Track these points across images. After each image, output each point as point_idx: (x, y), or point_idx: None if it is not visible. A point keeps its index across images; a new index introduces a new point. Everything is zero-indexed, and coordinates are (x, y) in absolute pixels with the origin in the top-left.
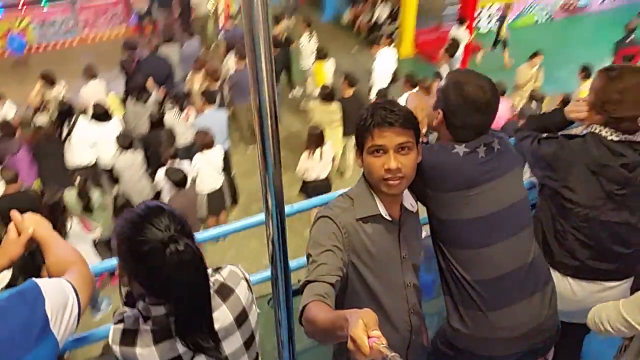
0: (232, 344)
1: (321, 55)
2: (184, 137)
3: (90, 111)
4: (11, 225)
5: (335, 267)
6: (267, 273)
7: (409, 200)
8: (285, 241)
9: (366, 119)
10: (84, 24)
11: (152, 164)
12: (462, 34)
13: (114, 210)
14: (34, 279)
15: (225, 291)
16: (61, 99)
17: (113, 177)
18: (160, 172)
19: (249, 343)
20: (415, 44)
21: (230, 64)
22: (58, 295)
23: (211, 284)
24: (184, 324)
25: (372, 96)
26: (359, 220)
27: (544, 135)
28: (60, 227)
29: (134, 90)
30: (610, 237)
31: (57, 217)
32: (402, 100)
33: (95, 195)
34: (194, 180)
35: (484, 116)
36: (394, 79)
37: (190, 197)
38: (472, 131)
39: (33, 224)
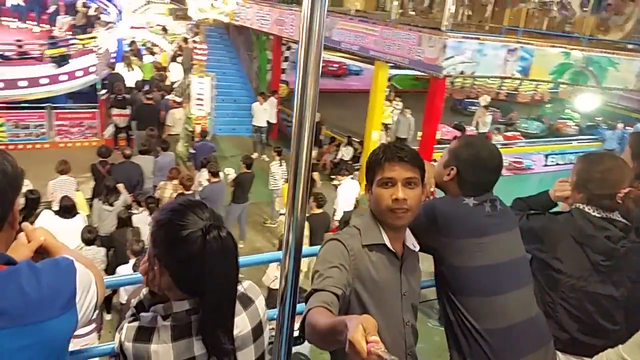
0: (245, 357)
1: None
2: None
3: (57, 204)
4: (21, 234)
5: (341, 281)
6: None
7: (411, 240)
8: (297, 282)
9: (378, 154)
10: (57, 131)
11: (117, 260)
12: None
13: None
14: (67, 254)
15: (246, 300)
16: (29, 190)
17: None
18: (123, 268)
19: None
20: None
21: (203, 177)
22: (85, 277)
23: None
24: (209, 319)
25: (337, 217)
26: (365, 246)
27: (532, 212)
28: None
29: (103, 192)
30: (597, 310)
31: None
32: None
33: None
34: None
35: (492, 176)
36: (356, 206)
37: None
38: (480, 188)
39: (45, 235)
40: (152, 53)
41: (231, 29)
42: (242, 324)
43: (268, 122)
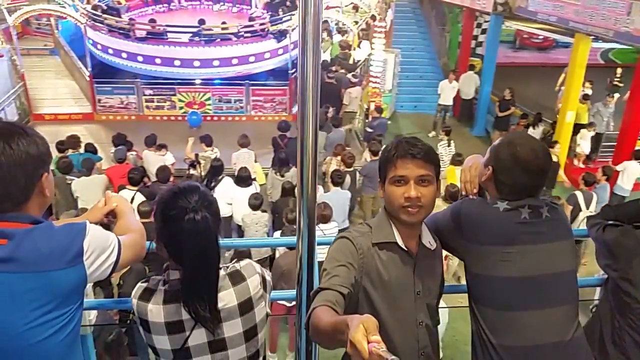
0: (232, 329)
1: (456, 161)
2: None
3: (236, 173)
4: (102, 199)
5: (348, 280)
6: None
7: (427, 238)
8: (312, 263)
9: (390, 151)
10: (253, 106)
11: (275, 226)
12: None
13: (231, 258)
14: (87, 220)
15: (237, 277)
16: (214, 157)
17: (240, 231)
18: (277, 234)
19: (249, 335)
20: (567, 171)
21: (366, 155)
22: (100, 240)
23: (227, 268)
24: (188, 288)
25: None
26: (375, 245)
27: (610, 222)
28: None
29: (278, 163)
30: None
31: None
32: None
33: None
34: None
35: (532, 179)
36: None
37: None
38: (518, 191)
39: (119, 201)
40: (343, 32)
41: (424, 3)
42: (228, 298)
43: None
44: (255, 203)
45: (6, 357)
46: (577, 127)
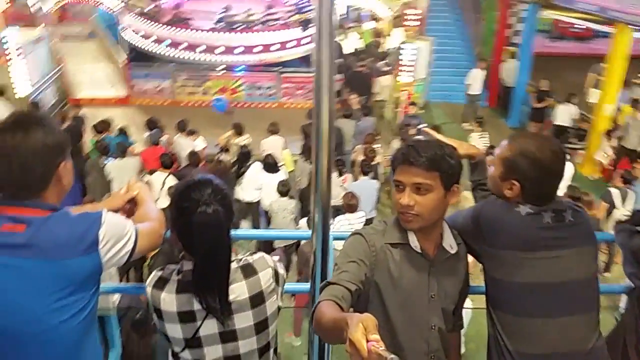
0: (243, 321)
1: (489, 154)
2: (336, 198)
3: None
4: (124, 186)
5: (357, 277)
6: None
7: (448, 241)
8: (326, 257)
9: (396, 154)
10: (284, 93)
11: (302, 213)
12: None
13: (257, 245)
14: (104, 210)
15: (249, 271)
16: (243, 145)
17: (267, 216)
18: (303, 221)
19: (260, 327)
20: (601, 167)
21: (396, 144)
22: (116, 229)
23: (239, 261)
24: (199, 280)
25: None
26: (387, 244)
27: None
28: None
29: (307, 151)
30: None
31: None
32: None
33: (244, 226)
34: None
35: (557, 181)
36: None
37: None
38: (544, 197)
39: (140, 189)
40: (377, 19)
41: None
42: (239, 291)
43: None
44: (283, 190)
45: (24, 340)
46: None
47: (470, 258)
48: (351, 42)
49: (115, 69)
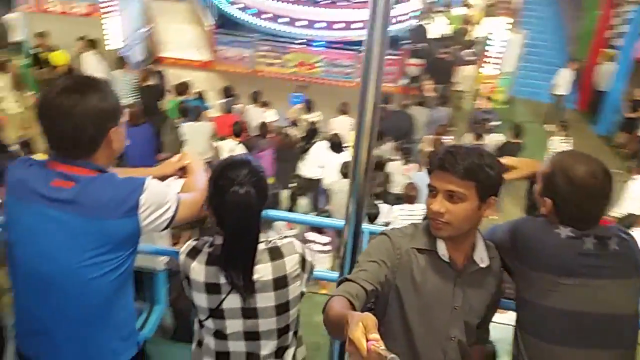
0: (264, 300)
1: None
2: (398, 186)
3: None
4: (178, 156)
5: (376, 277)
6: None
7: (480, 254)
8: (357, 249)
9: (433, 157)
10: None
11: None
12: None
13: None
14: (149, 177)
15: (276, 253)
16: (312, 121)
17: (326, 195)
18: None
19: (280, 309)
20: None
21: (469, 138)
22: (157, 197)
23: (268, 243)
24: (226, 256)
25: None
26: (414, 248)
27: None
28: None
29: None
30: None
31: (271, 205)
32: None
33: (303, 202)
34: (386, 225)
35: (596, 204)
36: None
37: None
38: (582, 219)
39: (192, 159)
40: (467, 6)
41: None
42: (264, 271)
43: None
44: (345, 171)
45: (61, 288)
46: None
47: None
48: (438, 27)
49: (201, 33)
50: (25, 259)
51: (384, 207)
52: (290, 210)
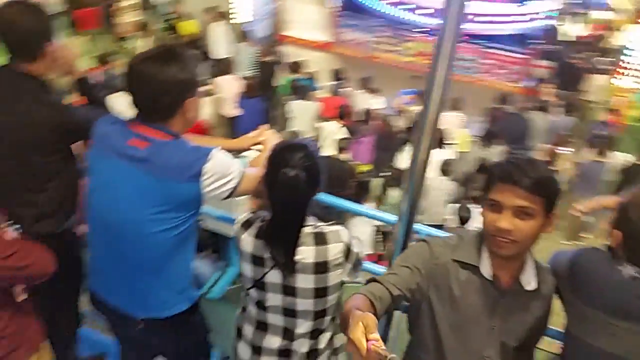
0: (304, 282)
1: None
2: None
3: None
4: (257, 132)
5: (406, 283)
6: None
7: (527, 276)
8: (405, 248)
9: (494, 169)
10: (484, 69)
11: (460, 197)
12: None
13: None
14: (217, 148)
15: (321, 239)
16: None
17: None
18: (453, 206)
19: (319, 293)
20: None
21: (583, 155)
22: (221, 167)
23: (315, 227)
24: (271, 233)
25: None
26: (455, 261)
27: None
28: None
29: (487, 136)
30: None
31: (360, 193)
32: None
33: (394, 193)
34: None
35: None
36: None
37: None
38: None
39: (268, 136)
40: (612, 10)
41: None
42: (306, 254)
43: None
44: (445, 169)
45: (127, 238)
46: None
47: None
48: (573, 29)
49: (325, 14)
50: (98, 207)
51: (477, 212)
52: (379, 200)
